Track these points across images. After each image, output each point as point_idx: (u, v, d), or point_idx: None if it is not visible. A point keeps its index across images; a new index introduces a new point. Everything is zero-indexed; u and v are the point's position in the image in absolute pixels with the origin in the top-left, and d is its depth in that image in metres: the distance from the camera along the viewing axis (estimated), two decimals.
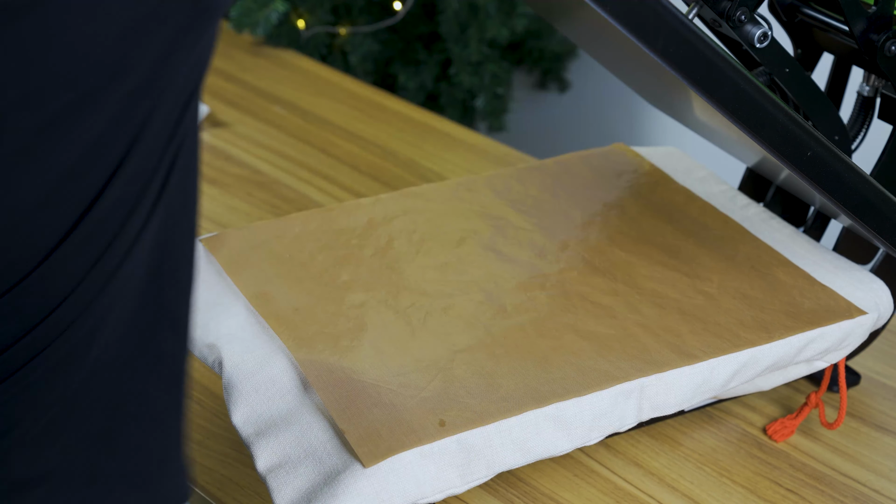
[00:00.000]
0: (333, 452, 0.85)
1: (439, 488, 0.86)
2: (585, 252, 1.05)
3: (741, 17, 0.94)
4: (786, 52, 0.98)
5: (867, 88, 1.07)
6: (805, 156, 0.92)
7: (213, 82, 1.59)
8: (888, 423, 1.05)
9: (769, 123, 0.90)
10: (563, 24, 1.10)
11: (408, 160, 1.44)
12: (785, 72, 0.98)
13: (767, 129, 0.90)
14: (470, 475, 0.87)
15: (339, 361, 0.90)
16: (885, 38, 0.99)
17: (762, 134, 0.90)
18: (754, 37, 0.95)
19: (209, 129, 1.48)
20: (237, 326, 0.94)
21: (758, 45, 0.96)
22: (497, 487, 0.95)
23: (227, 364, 0.91)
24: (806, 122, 0.93)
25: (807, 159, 0.92)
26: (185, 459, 0.72)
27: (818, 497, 0.97)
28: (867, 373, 1.11)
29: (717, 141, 1.12)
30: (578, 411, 0.89)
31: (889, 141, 1.04)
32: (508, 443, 0.87)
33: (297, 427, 0.87)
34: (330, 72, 1.65)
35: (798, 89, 1.00)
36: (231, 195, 1.36)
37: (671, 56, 0.85)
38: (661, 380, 0.92)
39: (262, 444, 0.87)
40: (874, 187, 0.96)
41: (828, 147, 0.93)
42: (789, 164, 0.92)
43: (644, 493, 0.96)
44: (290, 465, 0.85)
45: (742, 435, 1.02)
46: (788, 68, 0.98)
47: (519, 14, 1.70)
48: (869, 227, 0.97)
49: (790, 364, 0.98)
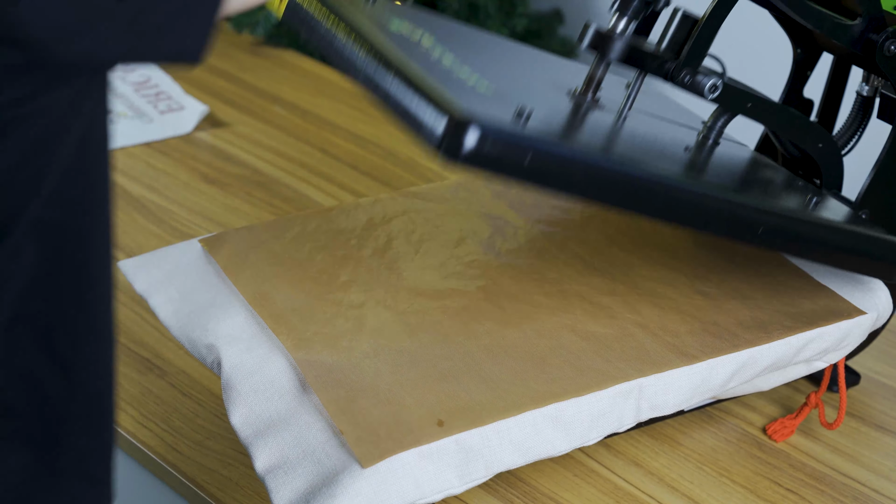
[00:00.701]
0: (332, 453, 0.85)
1: (438, 489, 0.86)
2: (584, 252, 1.05)
3: (685, 78, 0.95)
4: (741, 91, 0.98)
5: (866, 88, 1.07)
6: (758, 232, 0.91)
7: (213, 82, 1.59)
8: (888, 423, 1.05)
9: (711, 219, 0.89)
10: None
11: (408, 160, 1.44)
12: (748, 107, 0.99)
13: (713, 224, 0.89)
14: (468, 475, 0.87)
15: (337, 362, 0.90)
16: (884, 37, 0.99)
17: (708, 229, 0.89)
18: (705, 88, 0.96)
19: (209, 129, 1.48)
20: (236, 327, 0.94)
21: (710, 95, 0.96)
22: (497, 487, 0.95)
23: (225, 365, 0.91)
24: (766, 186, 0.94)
25: (761, 235, 0.91)
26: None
27: (818, 497, 0.97)
28: (867, 373, 1.11)
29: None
30: (577, 411, 0.89)
31: (888, 141, 1.04)
32: (507, 443, 0.87)
33: (295, 427, 0.87)
34: (330, 72, 1.65)
35: (768, 118, 1.00)
36: (231, 195, 1.36)
37: (587, 194, 0.84)
38: (659, 380, 0.92)
39: (261, 444, 0.87)
40: (846, 231, 0.96)
41: (784, 213, 0.92)
42: (746, 243, 0.91)
43: (644, 493, 0.96)
44: (288, 465, 0.85)
45: (742, 435, 1.02)
46: (749, 103, 0.99)
47: (519, 14, 1.70)
48: (848, 269, 0.98)
49: (789, 364, 0.98)
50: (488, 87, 0.87)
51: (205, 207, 1.33)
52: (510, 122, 0.79)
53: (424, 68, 0.82)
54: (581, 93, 0.98)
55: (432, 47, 0.91)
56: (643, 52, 0.96)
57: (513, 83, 0.94)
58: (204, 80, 1.59)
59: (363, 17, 0.89)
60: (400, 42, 0.88)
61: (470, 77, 0.87)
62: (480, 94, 0.85)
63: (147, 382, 1.08)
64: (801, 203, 0.97)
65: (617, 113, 0.98)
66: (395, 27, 0.91)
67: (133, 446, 1.02)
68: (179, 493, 1.00)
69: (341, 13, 0.89)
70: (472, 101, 0.80)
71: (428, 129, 0.77)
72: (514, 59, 1.02)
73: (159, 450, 1.01)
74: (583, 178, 0.81)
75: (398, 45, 0.86)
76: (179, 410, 1.05)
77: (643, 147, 0.94)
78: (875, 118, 1.08)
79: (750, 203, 0.91)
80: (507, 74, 0.95)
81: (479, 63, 0.94)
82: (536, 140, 0.79)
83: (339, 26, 0.88)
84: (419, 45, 0.90)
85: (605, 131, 0.93)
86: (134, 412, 1.05)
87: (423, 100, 0.79)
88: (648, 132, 0.99)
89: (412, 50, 0.88)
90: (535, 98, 0.93)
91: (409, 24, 0.93)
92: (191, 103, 1.51)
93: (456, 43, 0.96)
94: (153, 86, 1.55)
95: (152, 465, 1.01)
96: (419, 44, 0.91)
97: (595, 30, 0.95)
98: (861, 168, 1.08)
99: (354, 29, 0.86)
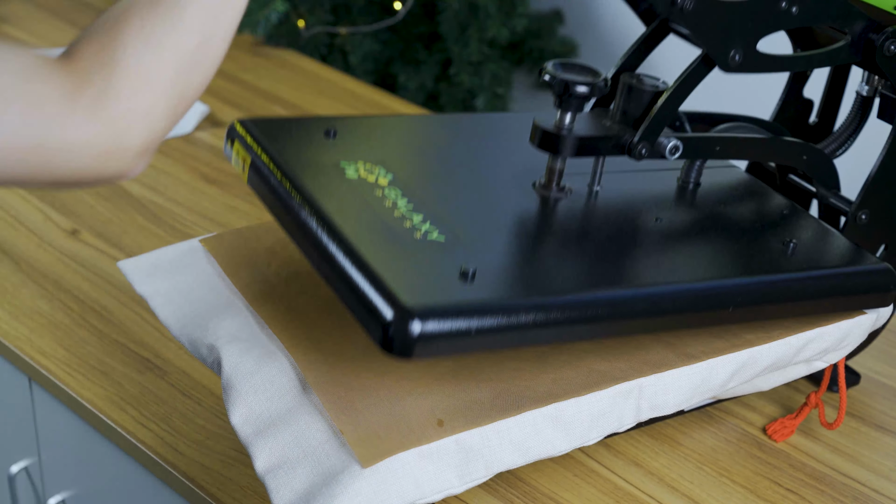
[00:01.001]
0: (332, 453, 0.85)
1: (438, 489, 0.86)
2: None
3: (642, 150, 0.95)
4: (704, 138, 0.98)
5: (866, 88, 1.07)
6: (728, 310, 0.91)
7: (214, 82, 1.59)
8: (888, 423, 1.05)
9: (677, 319, 0.90)
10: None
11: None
12: (717, 151, 0.99)
13: (684, 320, 0.90)
14: (468, 475, 0.87)
15: (337, 362, 0.90)
16: (883, 37, 0.99)
17: (679, 325, 0.90)
18: (666, 152, 0.97)
19: (209, 129, 1.48)
20: (236, 327, 0.94)
21: (672, 157, 0.97)
22: (497, 487, 0.95)
23: (225, 365, 0.91)
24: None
25: (731, 312, 0.92)
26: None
27: (818, 497, 0.97)
28: (867, 373, 1.11)
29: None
30: (577, 411, 0.89)
31: (889, 141, 1.04)
32: (507, 443, 0.87)
33: (295, 427, 0.87)
34: (330, 72, 1.65)
35: (738, 151, 1.01)
36: (231, 195, 1.36)
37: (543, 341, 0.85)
38: (659, 380, 0.92)
39: (261, 444, 0.87)
40: (827, 278, 0.95)
41: (753, 289, 0.92)
42: (719, 324, 0.92)
43: (644, 493, 0.96)
44: (288, 465, 0.85)
45: (742, 435, 1.02)
46: (717, 146, 0.99)
47: (519, 14, 1.70)
48: (841, 310, 0.98)
49: (789, 364, 0.98)
50: (440, 232, 0.88)
51: (205, 207, 1.33)
52: (450, 301, 0.80)
53: (372, 243, 0.83)
54: (544, 186, 0.98)
55: (387, 191, 0.92)
56: (595, 138, 0.95)
57: (470, 207, 0.94)
58: None
59: (316, 181, 0.91)
60: (356, 194, 0.90)
61: (422, 226, 0.88)
62: (427, 252, 0.85)
63: (147, 382, 1.08)
64: (778, 255, 0.96)
65: (583, 205, 0.98)
66: (350, 173, 0.93)
67: (133, 446, 1.02)
68: (179, 493, 1.00)
69: (294, 175, 0.91)
70: (413, 281, 0.81)
71: (373, 330, 0.79)
72: (474, 165, 1.01)
73: (159, 450, 1.01)
74: (534, 332, 0.83)
75: (353, 203, 0.88)
76: (179, 410, 1.05)
77: (603, 254, 0.93)
78: (874, 118, 1.08)
79: (711, 288, 0.90)
80: (463, 196, 0.95)
81: (434, 192, 0.94)
82: (478, 312, 0.80)
83: (292, 193, 0.90)
84: (374, 190, 0.92)
85: (562, 248, 0.92)
86: (134, 412, 1.05)
87: (364, 300, 0.80)
88: (613, 219, 0.97)
89: (367, 201, 0.89)
90: (492, 222, 0.92)
91: (365, 165, 0.94)
92: None
93: (412, 172, 0.96)
94: None
95: (152, 465, 1.01)
96: (375, 185, 0.92)
97: (542, 131, 0.94)
98: (861, 168, 1.08)
99: (306, 198, 0.88)
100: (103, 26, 0.70)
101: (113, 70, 0.68)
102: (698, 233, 0.98)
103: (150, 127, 0.70)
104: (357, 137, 0.93)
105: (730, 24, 0.94)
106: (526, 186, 0.99)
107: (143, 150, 0.70)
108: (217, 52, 0.73)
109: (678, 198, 1.02)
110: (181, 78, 0.71)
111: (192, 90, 0.72)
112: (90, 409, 1.06)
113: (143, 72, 0.69)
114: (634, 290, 0.87)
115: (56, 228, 1.28)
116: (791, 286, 0.94)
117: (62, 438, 1.15)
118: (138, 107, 0.69)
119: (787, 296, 0.94)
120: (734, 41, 0.95)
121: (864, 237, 1.04)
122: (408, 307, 0.77)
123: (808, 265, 0.95)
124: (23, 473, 1.23)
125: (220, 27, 0.73)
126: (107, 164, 0.69)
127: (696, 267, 0.92)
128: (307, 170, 0.92)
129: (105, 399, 1.06)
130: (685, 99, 0.96)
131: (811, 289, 0.95)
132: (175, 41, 0.70)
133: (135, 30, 0.69)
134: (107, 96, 0.68)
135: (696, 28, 0.93)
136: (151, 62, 0.69)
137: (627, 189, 1.02)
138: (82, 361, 1.10)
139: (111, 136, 0.68)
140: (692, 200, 1.03)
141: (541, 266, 0.89)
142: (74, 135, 0.67)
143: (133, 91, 0.69)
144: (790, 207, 1.04)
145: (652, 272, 0.91)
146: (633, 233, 0.95)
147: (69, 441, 1.14)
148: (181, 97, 0.71)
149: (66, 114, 0.67)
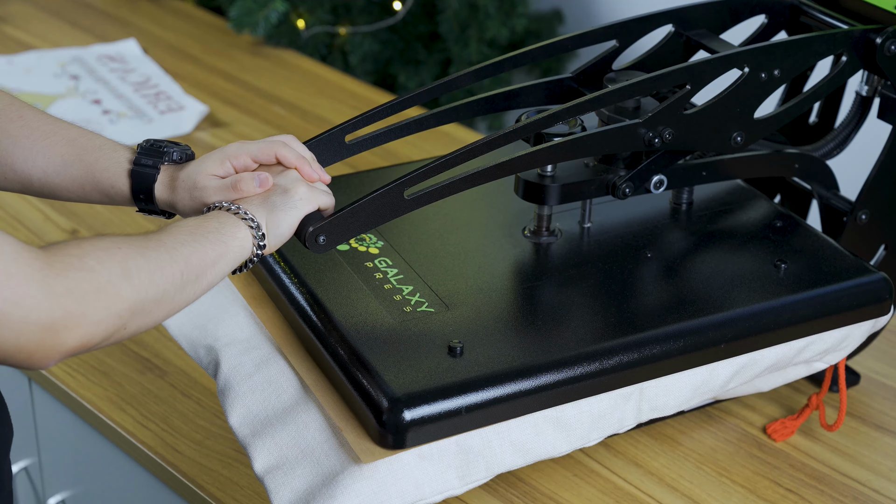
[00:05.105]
0: (331, 453, 0.85)
1: (438, 489, 0.86)
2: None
3: (626, 190, 0.96)
4: (689, 166, 0.99)
5: (866, 88, 1.07)
6: (720, 347, 0.92)
7: (214, 82, 1.59)
8: (888, 423, 1.05)
9: (670, 363, 0.91)
10: None
11: (408, 160, 1.44)
12: (703, 175, 1.00)
13: (678, 364, 0.91)
14: (469, 476, 0.87)
15: None
16: (884, 37, 0.99)
17: (677, 368, 0.92)
18: (651, 188, 0.98)
19: (209, 129, 1.48)
20: (235, 328, 0.94)
21: (658, 191, 0.98)
22: (497, 487, 0.95)
23: (224, 366, 0.91)
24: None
25: (724, 349, 0.92)
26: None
27: (818, 497, 0.97)
28: (867, 373, 1.11)
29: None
30: (578, 413, 0.89)
31: (888, 141, 1.04)
32: (507, 444, 0.87)
33: (293, 427, 0.87)
34: (330, 72, 1.65)
35: (726, 172, 1.02)
36: None
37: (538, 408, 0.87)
38: (660, 381, 0.92)
39: (260, 444, 0.87)
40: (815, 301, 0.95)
41: (743, 322, 0.93)
42: (715, 360, 0.93)
43: (644, 493, 0.96)
44: (287, 465, 0.85)
45: (742, 435, 1.02)
46: (704, 171, 1.00)
47: (519, 14, 1.70)
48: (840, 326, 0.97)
49: (789, 365, 0.98)
50: (429, 302, 0.90)
51: None
52: (437, 386, 0.83)
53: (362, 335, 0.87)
54: (534, 232, 0.99)
55: (378, 261, 0.94)
56: (579, 184, 0.96)
57: (460, 266, 0.95)
58: (204, 80, 1.59)
59: (307, 260, 0.94)
60: (345, 269, 0.93)
61: (412, 297, 0.91)
62: (416, 326, 0.88)
63: (147, 382, 1.08)
64: (769, 281, 0.96)
65: (575, 248, 0.99)
66: (342, 245, 0.95)
67: (133, 446, 1.02)
68: (179, 493, 1.00)
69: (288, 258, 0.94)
70: (401, 368, 0.84)
71: (369, 424, 0.83)
72: (463, 218, 1.02)
73: (159, 450, 1.01)
74: (524, 402, 0.86)
75: (343, 282, 0.92)
76: (179, 410, 1.05)
77: (592, 304, 0.93)
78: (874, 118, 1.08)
79: (701, 326, 0.91)
80: (453, 255, 0.97)
81: (424, 257, 0.96)
82: (465, 390, 0.84)
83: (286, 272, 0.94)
84: (365, 261, 0.94)
85: (552, 302, 0.93)
86: (134, 412, 1.05)
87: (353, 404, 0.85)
88: (604, 261, 0.97)
89: (358, 273, 0.93)
90: (482, 282, 0.94)
91: (356, 238, 0.97)
92: (191, 103, 1.51)
93: (401, 236, 0.98)
94: (153, 86, 1.55)
95: (152, 465, 1.01)
96: (366, 255, 0.95)
97: (525, 182, 0.95)
98: (861, 168, 1.08)
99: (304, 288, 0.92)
100: (94, 241, 0.73)
101: (79, 272, 0.70)
102: (689, 266, 0.98)
103: (89, 336, 0.71)
104: (347, 197, 0.94)
105: (720, 122, 0.96)
106: (516, 234, 0.99)
107: (69, 352, 0.71)
108: (171, 312, 0.77)
109: (670, 225, 1.02)
110: (136, 317, 0.74)
111: (135, 330, 0.75)
112: (90, 410, 1.06)
113: (106, 287, 0.71)
114: (620, 340, 0.89)
115: (56, 228, 1.28)
116: (782, 313, 0.94)
117: (62, 438, 1.15)
118: (88, 311, 0.70)
119: (780, 323, 0.94)
120: (730, 129, 0.97)
121: (864, 237, 1.05)
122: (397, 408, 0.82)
123: (800, 286, 0.95)
124: (23, 473, 1.23)
125: (187, 294, 0.77)
126: (31, 347, 0.69)
127: (687, 307, 0.93)
128: (298, 252, 0.94)
129: (105, 399, 1.06)
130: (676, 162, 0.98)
131: (805, 311, 0.95)
132: (145, 281, 0.73)
133: (118, 257, 0.72)
134: (65, 287, 0.69)
135: (691, 146, 0.96)
136: (118, 284, 0.72)
137: (618, 222, 1.02)
138: (82, 361, 1.10)
139: (56, 321, 0.69)
140: (684, 225, 1.03)
141: (531, 327, 0.90)
142: (20, 306, 0.67)
143: (92, 297, 0.70)
144: (783, 218, 1.03)
145: (642, 319, 0.91)
146: (624, 277, 0.96)
147: (69, 441, 1.14)
148: (125, 330, 0.74)
149: (23, 285, 0.67)
